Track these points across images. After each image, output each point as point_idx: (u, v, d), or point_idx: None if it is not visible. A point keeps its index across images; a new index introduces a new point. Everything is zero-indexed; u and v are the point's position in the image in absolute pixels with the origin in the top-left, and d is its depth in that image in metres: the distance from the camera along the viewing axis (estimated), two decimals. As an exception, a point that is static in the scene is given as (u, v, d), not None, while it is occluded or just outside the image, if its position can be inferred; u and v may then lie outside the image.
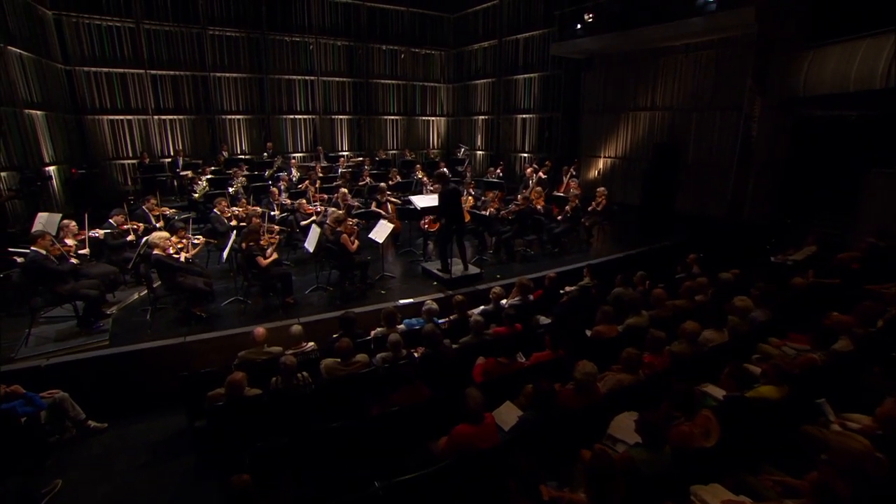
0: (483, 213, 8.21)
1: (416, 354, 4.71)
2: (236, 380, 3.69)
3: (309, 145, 15.40)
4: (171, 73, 13.12)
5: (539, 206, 8.76)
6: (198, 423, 4.19)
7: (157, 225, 7.06)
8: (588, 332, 4.94)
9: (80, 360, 4.74)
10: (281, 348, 4.61)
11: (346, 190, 8.51)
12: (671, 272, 7.05)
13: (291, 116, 15.00)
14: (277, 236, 6.58)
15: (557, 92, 13.85)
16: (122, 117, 12.75)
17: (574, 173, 11.31)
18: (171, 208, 8.13)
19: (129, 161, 12.86)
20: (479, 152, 16.61)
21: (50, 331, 5.37)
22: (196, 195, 9.94)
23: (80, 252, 5.55)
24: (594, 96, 13.23)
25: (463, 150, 14.95)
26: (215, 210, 7.38)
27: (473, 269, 6.98)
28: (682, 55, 10.81)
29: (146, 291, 6.17)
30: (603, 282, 6.62)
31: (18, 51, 9.50)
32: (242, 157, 13.39)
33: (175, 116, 13.40)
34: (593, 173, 13.51)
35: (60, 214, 6.61)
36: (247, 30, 13.80)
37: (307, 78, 14.94)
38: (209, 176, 10.49)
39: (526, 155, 14.99)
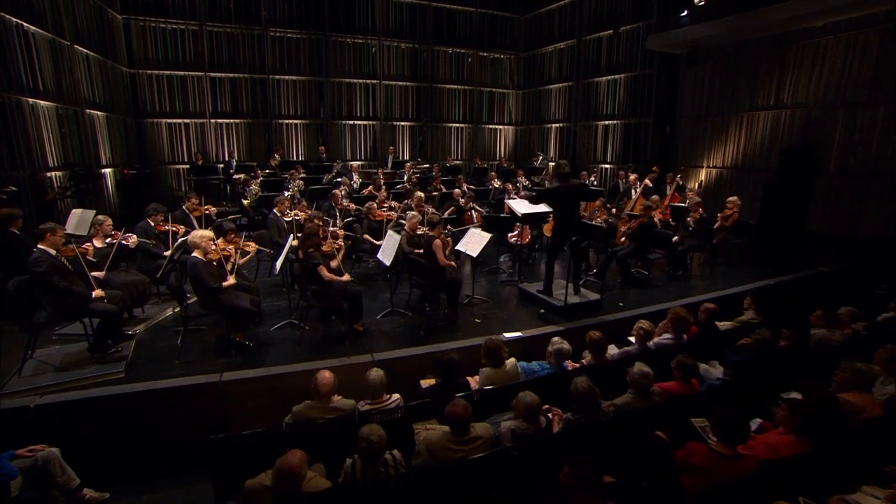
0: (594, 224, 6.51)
1: (550, 416, 3.12)
2: (291, 466, 2.19)
3: (368, 152, 14.37)
4: (231, 75, 12.62)
5: (657, 218, 6.99)
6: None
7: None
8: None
9: (80, 399, 3.43)
10: (353, 402, 3.11)
11: (421, 194, 7.05)
12: (870, 309, 5.10)
13: (351, 122, 14.03)
14: (342, 242, 5.16)
15: (648, 94, 12.07)
16: (179, 121, 12.39)
17: (681, 182, 9.47)
18: (216, 209, 6.84)
19: (184, 166, 12.41)
20: (551, 164, 14.97)
21: (58, 354, 4.16)
22: (247, 201, 8.93)
23: (93, 259, 4.28)
24: (697, 96, 11.35)
25: (540, 158, 13.40)
26: (275, 211, 6.10)
27: (592, 295, 5.27)
28: (824, 38, 8.79)
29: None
30: (771, 318, 4.87)
31: (85, 51, 9.40)
32: (298, 162, 12.50)
33: (232, 120, 12.82)
34: (692, 185, 11.51)
35: (94, 211, 5.58)
36: (308, 31, 13.11)
37: (369, 81, 13.99)
38: (261, 179, 9.45)
39: (608, 166, 13.21)
